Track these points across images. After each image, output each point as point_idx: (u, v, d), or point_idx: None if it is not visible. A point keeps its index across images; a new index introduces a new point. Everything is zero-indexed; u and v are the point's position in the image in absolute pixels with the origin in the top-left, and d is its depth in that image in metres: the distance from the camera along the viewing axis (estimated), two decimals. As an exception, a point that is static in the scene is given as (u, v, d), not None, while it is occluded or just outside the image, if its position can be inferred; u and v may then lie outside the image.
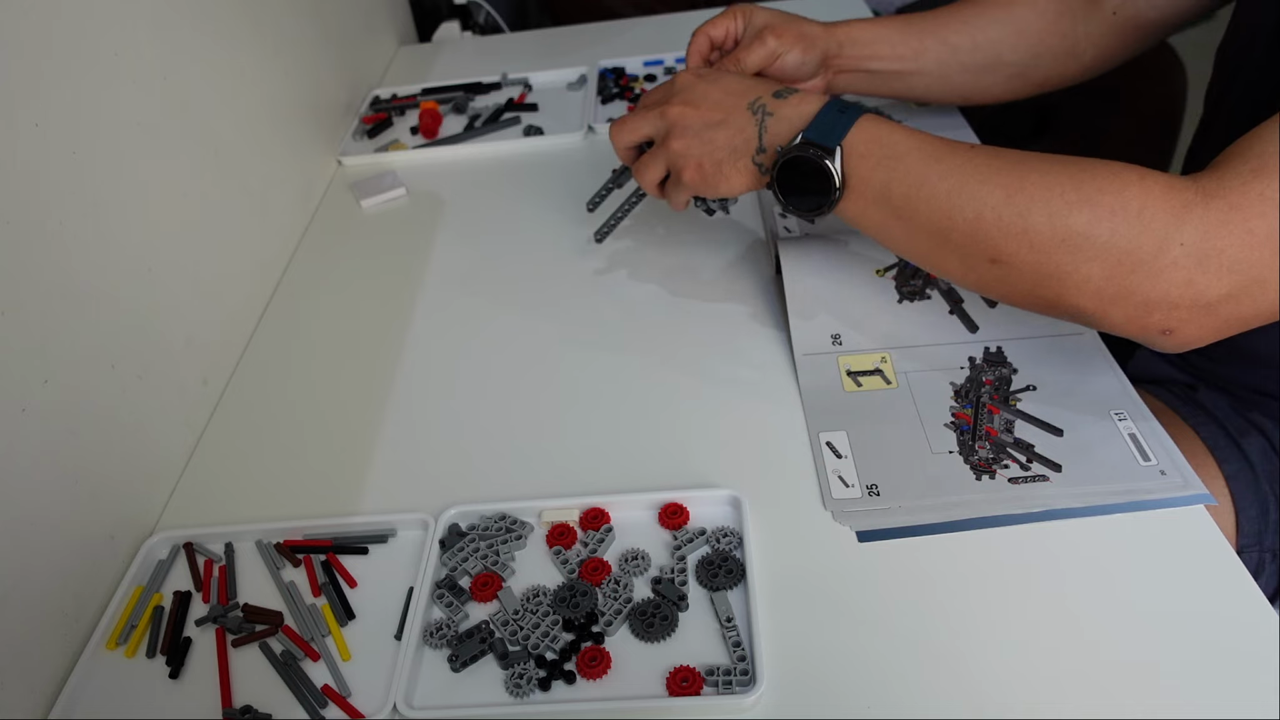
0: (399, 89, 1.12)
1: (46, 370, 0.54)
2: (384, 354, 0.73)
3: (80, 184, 0.58)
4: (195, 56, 0.74)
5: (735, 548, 0.54)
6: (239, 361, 0.75)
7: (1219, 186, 0.47)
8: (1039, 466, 0.56)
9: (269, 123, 0.86)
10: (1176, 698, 0.45)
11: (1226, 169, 0.48)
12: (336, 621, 0.54)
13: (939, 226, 0.54)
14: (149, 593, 0.57)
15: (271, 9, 0.89)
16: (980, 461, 0.56)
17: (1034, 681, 0.46)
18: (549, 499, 0.58)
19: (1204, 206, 0.47)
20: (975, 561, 0.52)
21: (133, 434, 0.61)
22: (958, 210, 0.53)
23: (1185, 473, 0.54)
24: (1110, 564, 0.51)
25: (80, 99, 0.59)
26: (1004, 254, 0.52)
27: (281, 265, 0.85)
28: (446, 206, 0.91)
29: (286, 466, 0.65)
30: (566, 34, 1.25)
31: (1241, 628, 0.47)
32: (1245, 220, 0.46)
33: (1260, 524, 0.68)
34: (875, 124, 0.57)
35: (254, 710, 0.50)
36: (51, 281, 0.55)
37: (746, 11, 0.76)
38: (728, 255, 0.78)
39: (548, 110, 1.05)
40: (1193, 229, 0.47)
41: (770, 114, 0.60)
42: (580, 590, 0.52)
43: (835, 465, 0.58)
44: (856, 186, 0.57)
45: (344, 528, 0.59)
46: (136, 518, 0.61)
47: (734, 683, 0.47)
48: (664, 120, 0.63)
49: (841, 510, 0.55)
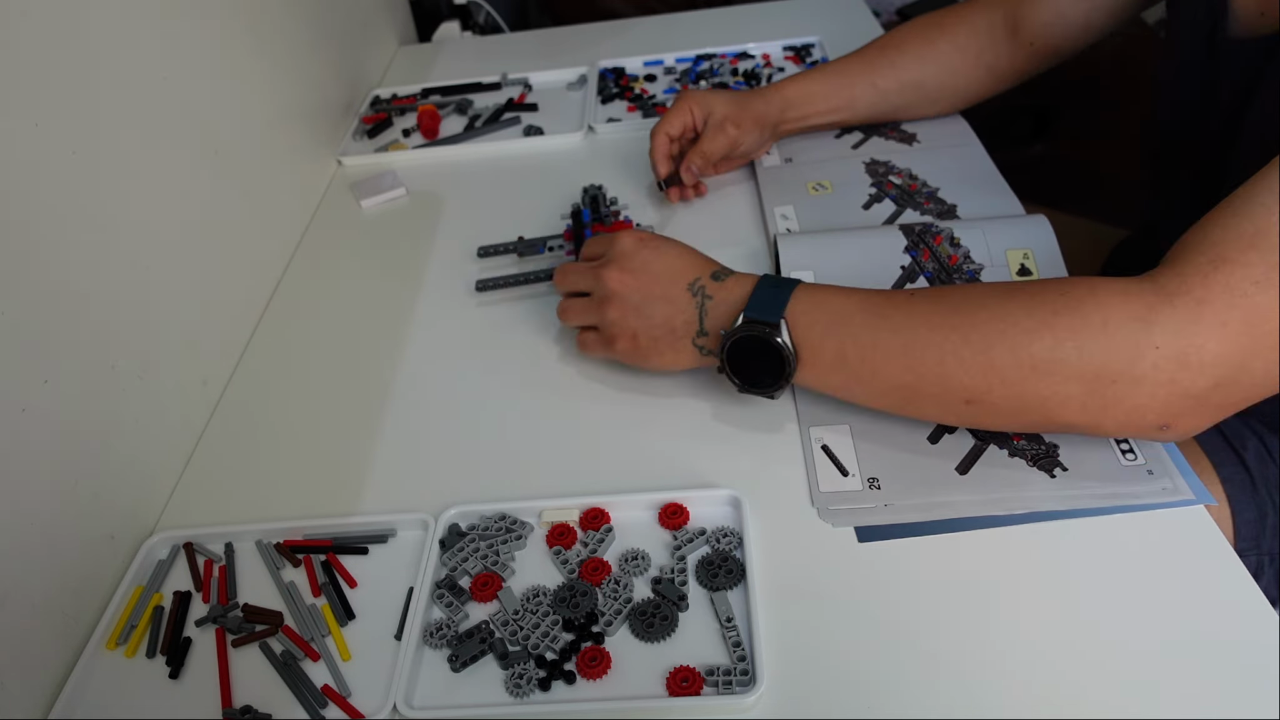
0: (399, 89, 1.12)
1: (46, 370, 0.54)
2: (384, 354, 0.73)
3: (80, 184, 0.58)
4: (195, 56, 0.74)
5: (735, 548, 0.54)
6: (239, 361, 0.75)
7: (1180, 284, 0.47)
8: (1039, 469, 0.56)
9: (269, 123, 0.86)
10: (1177, 698, 0.45)
11: (1184, 263, 0.47)
12: (336, 621, 0.54)
13: (904, 381, 0.53)
14: (149, 593, 0.57)
15: (271, 9, 0.89)
16: None
17: (1034, 682, 0.46)
18: (549, 499, 0.58)
19: (1170, 306, 0.46)
20: (976, 562, 0.52)
21: (133, 434, 0.61)
22: (919, 362, 0.52)
23: (1174, 476, 0.54)
24: (1110, 564, 0.51)
25: (80, 99, 0.59)
26: (977, 393, 0.51)
27: (281, 265, 0.85)
28: (446, 206, 0.91)
29: (286, 466, 0.65)
30: (566, 34, 1.25)
31: (1242, 628, 0.47)
32: (1215, 314, 0.45)
33: (1258, 528, 0.68)
34: (811, 292, 0.56)
35: (254, 710, 0.50)
36: (51, 281, 0.55)
37: (701, 103, 0.81)
38: (727, 254, 0.78)
39: (548, 110, 1.05)
40: (1164, 331, 0.46)
41: (710, 297, 0.59)
42: (580, 590, 0.52)
43: (834, 460, 0.58)
44: (809, 356, 0.56)
45: (344, 528, 0.59)
46: (136, 518, 0.61)
47: (734, 683, 0.47)
48: (600, 285, 0.62)
49: (827, 507, 0.55)
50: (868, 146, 0.88)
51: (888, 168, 0.84)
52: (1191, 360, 0.46)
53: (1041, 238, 0.67)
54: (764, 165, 0.88)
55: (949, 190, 0.80)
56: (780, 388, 0.57)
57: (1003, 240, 0.68)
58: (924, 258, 0.68)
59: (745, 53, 1.11)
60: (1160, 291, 0.47)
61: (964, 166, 0.83)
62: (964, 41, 0.83)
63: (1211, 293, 0.46)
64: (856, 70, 0.85)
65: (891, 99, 0.85)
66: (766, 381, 0.58)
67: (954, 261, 0.68)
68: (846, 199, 0.80)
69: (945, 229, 0.69)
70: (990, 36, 0.83)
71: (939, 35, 0.84)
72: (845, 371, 0.55)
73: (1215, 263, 0.46)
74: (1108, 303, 0.48)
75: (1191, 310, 0.46)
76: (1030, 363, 0.49)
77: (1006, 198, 0.78)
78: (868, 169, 0.84)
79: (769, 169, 0.87)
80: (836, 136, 0.90)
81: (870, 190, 0.81)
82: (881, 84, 0.84)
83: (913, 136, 0.88)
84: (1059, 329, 0.48)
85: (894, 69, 0.84)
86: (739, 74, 1.06)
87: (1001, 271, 0.67)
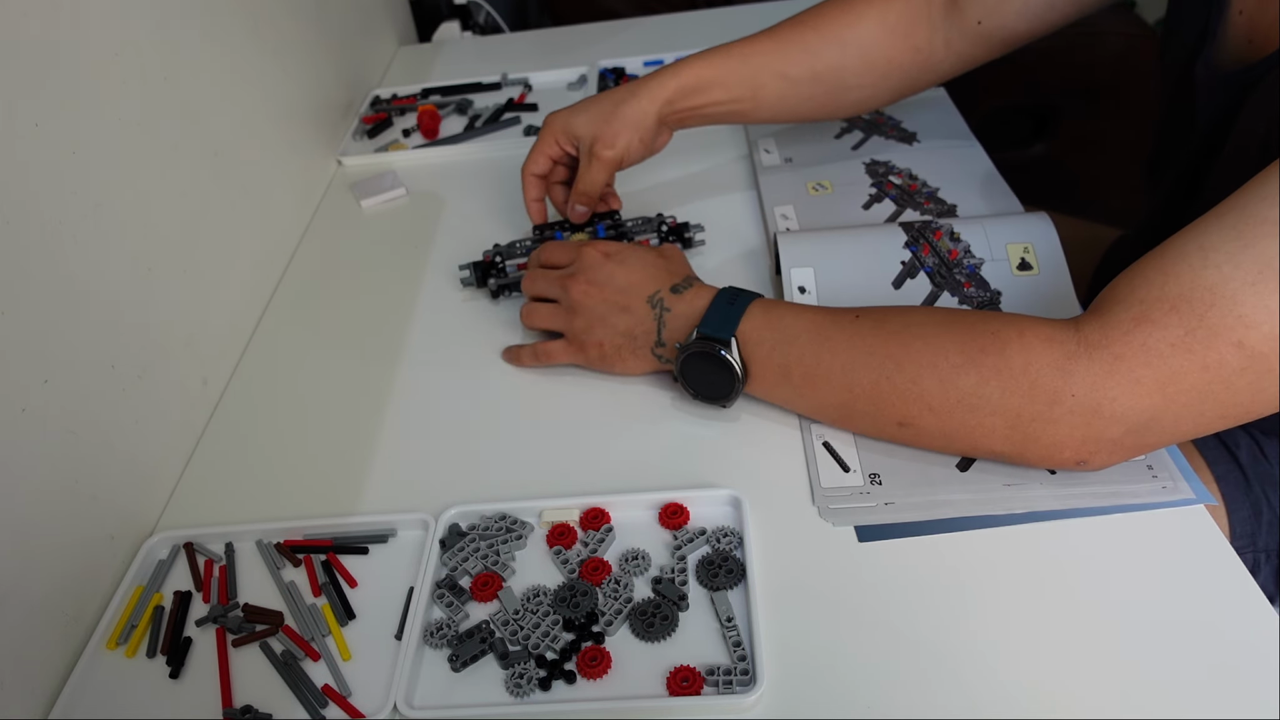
0: (399, 89, 1.12)
1: (46, 370, 0.54)
2: (384, 353, 0.73)
3: (80, 184, 0.58)
4: (195, 56, 0.74)
5: (735, 548, 0.54)
6: (239, 361, 0.75)
7: (1102, 336, 0.48)
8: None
9: (269, 123, 0.86)
10: (1177, 697, 0.45)
11: (1109, 316, 0.48)
12: (337, 621, 0.54)
13: (841, 399, 0.56)
14: (149, 593, 0.57)
15: (271, 9, 0.89)
16: None
17: (1034, 682, 0.46)
18: (549, 499, 0.58)
19: (1088, 358, 0.48)
20: (976, 562, 0.52)
21: (133, 434, 0.61)
22: (855, 383, 0.55)
23: (1174, 476, 0.54)
24: (1110, 563, 0.51)
25: (80, 99, 0.59)
26: (908, 417, 0.54)
27: (281, 265, 0.85)
28: (446, 206, 0.91)
29: (286, 466, 0.65)
30: (566, 34, 1.25)
31: (1241, 627, 0.47)
32: (1130, 370, 0.47)
33: (1253, 524, 0.68)
34: (765, 310, 0.59)
35: (254, 710, 0.50)
36: (51, 281, 0.55)
37: (564, 129, 0.74)
38: (728, 252, 0.78)
39: (548, 110, 1.05)
40: (1080, 381, 0.48)
41: (668, 309, 0.61)
42: (581, 590, 0.52)
43: (835, 456, 0.58)
44: (757, 372, 0.59)
45: (344, 528, 0.59)
46: (136, 518, 0.61)
47: (734, 682, 0.47)
48: (567, 295, 0.65)
49: (828, 506, 0.55)
50: (868, 147, 0.88)
51: (888, 168, 0.84)
52: (1104, 410, 0.48)
53: (1043, 233, 0.67)
54: (764, 165, 0.88)
55: (949, 190, 0.80)
56: (731, 399, 0.61)
57: (1003, 235, 0.68)
58: (924, 253, 0.68)
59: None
60: (1082, 342, 0.48)
61: (964, 167, 0.83)
62: (894, 21, 0.73)
63: (1129, 349, 0.47)
64: (765, 52, 0.74)
65: (803, 89, 0.75)
66: (719, 392, 0.61)
67: (954, 256, 0.68)
68: (847, 199, 0.80)
69: (945, 225, 0.69)
70: (926, 11, 0.73)
71: (867, 13, 0.73)
72: (789, 387, 0.58)
73: (1137, 320, 0.47)
74: (1031, 346, 0.49)
75: (1108, 365, 0.47)
76: (956, 396, 0.51)
77: (1007, 198, 0.78)
78: (868, 169, 0.84)
79: (769, 169, 0.87)
80: (836, 137, 0.90)
81: (870, 190, 0.81)
82: (793, 72, 0.74)
83: (913, 136, 0.88)
84: (984, 368, 0.50)
85: (806, 53, 0.74)
86: None
87: (1002, 266, 0.67)
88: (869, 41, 0.74)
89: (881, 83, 0.76)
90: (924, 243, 0.68)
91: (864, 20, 0.73)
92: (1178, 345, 0.46)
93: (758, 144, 0.91)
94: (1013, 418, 0.50)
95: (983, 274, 0.67)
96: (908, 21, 0.73)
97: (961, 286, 0.67)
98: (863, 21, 0.73)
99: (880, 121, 0.92)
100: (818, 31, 0.74)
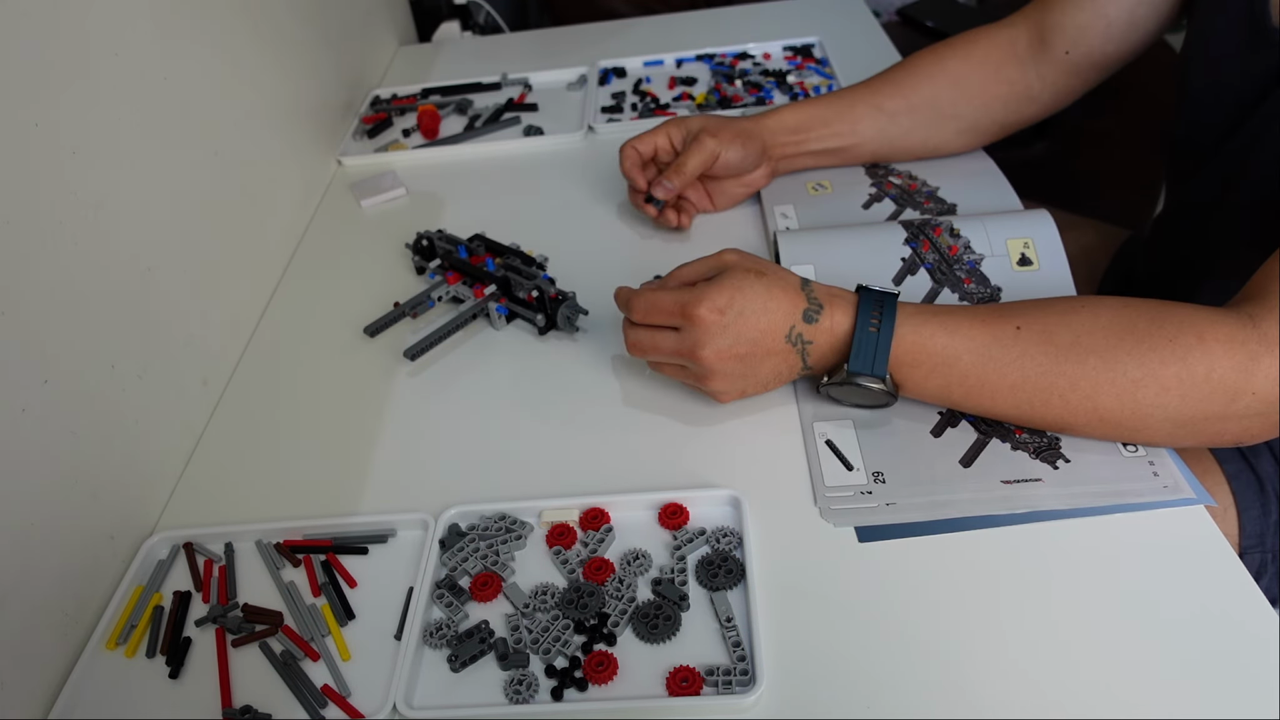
0: (399, 89, 1.12)
1: (46, 370, 0.54)
2: (384, 353, 0.73)
3: (80, 184, 0.58)
4: (195, 56, 0.74)
5: (735, 548, 0.54)
6: (239, 361, 0.75)
7: None
8: (1042, 461, 0.56)
9: (269, 123, 0.86)
10: (1177, 697, 0.45)
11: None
12: (336, 621, 0.54)
13: (1009, 415, 0.56)
14: (149, 593, 0.57)
15: (271, 9, 0.89)
16: None
17: (1034, 682, 0.46)
18: (549, 499, 0.58)
19: (1269, 355, 0.48)
20: (976, 562, 0.52)
21: (132, 434, 0.61)
22: (1024, 403, 0.54)
23: (1175, 476, 0.54)
24: (1110, 564, 0.51)
25: (80, 99, 0.59)
26: (1076, 427, 0.54)
27: (281, 265, 0.85)
28: (446, 206, 0.91)
29: (286, 466, 0.65)
30: (566, 34, 1.25)
31: (1241, 628, 0.47)
32: None
33: (1263, 524, 0.68)
34: (915, 330, 0.55)
35: (254, 710, 0.50)
36: (51, 281, 0.55)
37: (679, 122, 0.78)
38: (728, 255, 0.78)
39: (548, 110, 1.05)
40: (1262, 379, 0.49)
41: (809, 342, 0.58)
42: (587, 591, 0.52)
43: (838, 454, 0.58)
44: (913, 390, 0.57)
45: (344, 528, 0.59)
46: (136, 518, 0.61)
47: (734, 683, 0.47)
48: (699, 365, 0.58)
49: (829, 507, 0.55)
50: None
51: (887, 169, 0.84)
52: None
53: (1043, 229, 0.67)
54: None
55: (949, 190, 0.80)
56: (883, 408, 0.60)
57: (1003, 231, 0.68)
58: (924, 249, 0.68)
59: (745, 53, 1.11)
60: (1264, 339, 0.49)
61: (965, 166, 0.83)
62: (981, 56, 0.77)
63: None
64: (859, 94, 0.80)
65: (901, 121, 0.79)
66: (869, 406, 0.60)
67: (954, 252, 0.68)
68: (846, 198, 0.80)
69: (945, 221, 0.69)
70: (1012, 49, 0.76)
71: (951, 53, 0.78)
72: (949, 402, 0.58)
73: None
74: (1214, 352, 0.49)
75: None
76: (1133, 407, 0.52)
77: (1007, 197, 0.78)
78: (867, 170, 0.84)
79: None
80: None
81: (870, 190, 0.81)
82: (888, 105, 0.79)
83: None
84: (1166, 380, 0.50)
85: (899, 89, 0.79)
86: (767, 73, 1.05)
87: (1002, 261, 0.67)
88: (959, 73, 0.78)
89: (981, 113, 0.79)
90: (924, 239, 0.68)
91: (951, 58, 0.78)
92: None
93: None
94: (1185, 421, 0.51)
95: (983, 270, 0.67)
96: (996, 59, 0.77)
97: (962, 283, 0.67)
98: (950, 59, 0.78)
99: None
100: (908, 71, 0.79)
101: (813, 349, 0.58)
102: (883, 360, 0.56)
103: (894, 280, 0.68)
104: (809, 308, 0.57)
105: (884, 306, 0.56)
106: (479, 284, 0.75)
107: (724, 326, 0.57)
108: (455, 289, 0.76)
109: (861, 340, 0.56)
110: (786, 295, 0.57)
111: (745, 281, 0.57)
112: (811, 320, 0.57)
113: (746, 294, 0.57)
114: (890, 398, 0.57)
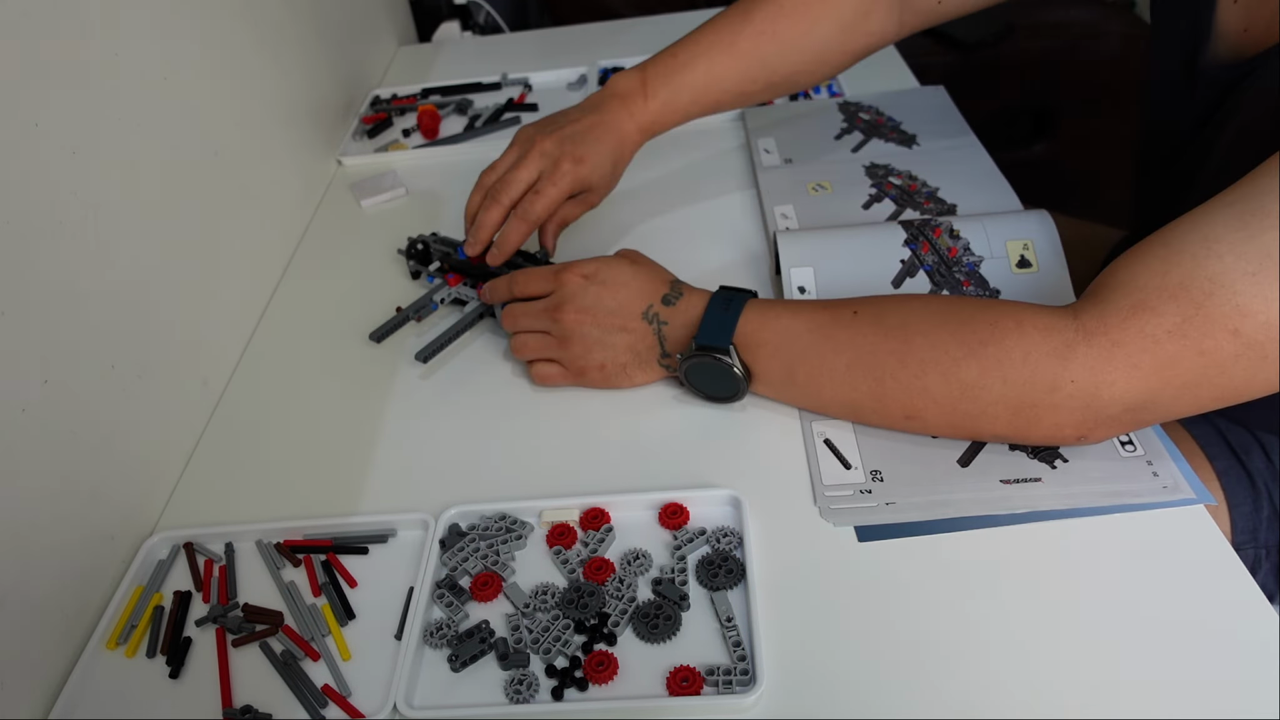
0: (399, 89, 1.12)
1: (46, 370, 0.54)
2: (384, 353, 0.73)
3: (80, 184, 0.58)
4: (195, 56, 0.74)
5: (735, 547, 0.54)
6: (239, 361, 0.75)
7: (1100, 324, 0.49)
8: (1040, 460, 0.56)
9: (269, 123, 0.86)
10: (1177, 697, 0.45)
11: (1107, 304, 0.49)
12: (336, 621, 0.54)
13: (847, 397, 0.57)
14: (149, 593, 0.57)
15: (271, 9, 0.89)
16: None
17: (1034, 681, 0.46)
18: (549, 499, 0.58)
19: (1086, 345, 0.49)
20: (976, 561, 0.52)
21: (133, 434, 0.61)
22: (860, 381, 0.56)
23: (1175, 475, 0.54)
24: (1110, 563, 0.51)
25: (80, 99, 0.59)
26: (914, 411, 0.55)
27: (281, 265, 0.85)
28: (446, 206, 0.91)
29: (286, 466, 0.65)
30: (566, 34, 1.25)
31: (1241, 627, 0.47)
32: (1129, 356, 0.48)
33: (1254, 520, 0.68)
34: (761, 312, 0.59)
35: (254, 710, 0.50)
36: (51, 281, 0.55)
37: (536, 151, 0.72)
38: (728, 252, 0.78)
39: (548, 110, 1.04)
40: (1079, 367, 0.49)
41: (665, 322, 0.62)
42: (587, 591, 0.52)
43: (836, 453, 0.58)
44: (761, 373, 0.60)
45: (344, 528, 0.59)
46: (136, 518, 0.61)
47: (734, 682, 0.47)
48: (558, 325, 0.63)
49: (829, 506, 0.55)
50: (867, 150, 0.88)
51: (887, 170, 0.84)
52: (1103, 394, 0.49)
53: (1043, 230, 0.67)
54: (764, 165, 0.88)
55: (949, 190, 0.80)
56: (738, 398, 0.62)
57: (1003, 232, 0.68)
58: (923, 251, 0.68)
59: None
60: (1080, 330, 0.49)
61: (964, 167, 0.83)
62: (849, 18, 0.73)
63: (1127, 335, 0.48)
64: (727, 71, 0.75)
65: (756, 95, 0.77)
66: (725, 394, 0.62)
67: (953, 254, 0.68)
68: (846, 199, 0.81)
69: (944, 222, 0.69)
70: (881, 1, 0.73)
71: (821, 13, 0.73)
72: (794, 387, 0.60)
73: (1135, 308, 0.48)
74: (1030, 337, 0.51)
75: (1106, 351, 0.49)
76: (960, 388, 0.53)
77: (1007, 197, 0.78)
78: (867, 171, 0.84)
79: (769, 169, 0.87)
80: (836, 138, 0.90)
81: (870, 190, 0.81)
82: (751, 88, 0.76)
83: (913, 139, 0.88)
84: (985, 359, 0.52)
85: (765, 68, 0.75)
86: None
87: (1002, 263, 0.67)
88: (824, 44, 0.75)
89: (832, 71, 0.78)
90: (923, 241, 0.68)
91: (821, 24, 0.74)
92: (1174, 332, 0.47)
93: (757, 144, 0.91)
94: (1014, 405, 0.51)
95: (982, 272, 0.67)
96: (864, 13, 0.74)
97: (961, 285, 0.67)
98: (820, 26, 0.74)
99: (880, 123, 0.92)
100: (776, 41, 0.74)
101: (668, 330, 0.62)
102: (728, 331, 0.58)
103: (892, 283, 0.68)
104: (669, 293, 0.62)
105: (739, 295, 0.60)
106: (481, 284, 0.75)
107: (585, 289, 0.63)
108: (457, 290, 0.76)
109: (710, 316, 0.59)
110: (651, 280, 0.63)
111: (615, 260, 0.64)
112: (670, 304, 0.62)
113: (613, 268, 0.64)
114: (739, 381, 0.59)
